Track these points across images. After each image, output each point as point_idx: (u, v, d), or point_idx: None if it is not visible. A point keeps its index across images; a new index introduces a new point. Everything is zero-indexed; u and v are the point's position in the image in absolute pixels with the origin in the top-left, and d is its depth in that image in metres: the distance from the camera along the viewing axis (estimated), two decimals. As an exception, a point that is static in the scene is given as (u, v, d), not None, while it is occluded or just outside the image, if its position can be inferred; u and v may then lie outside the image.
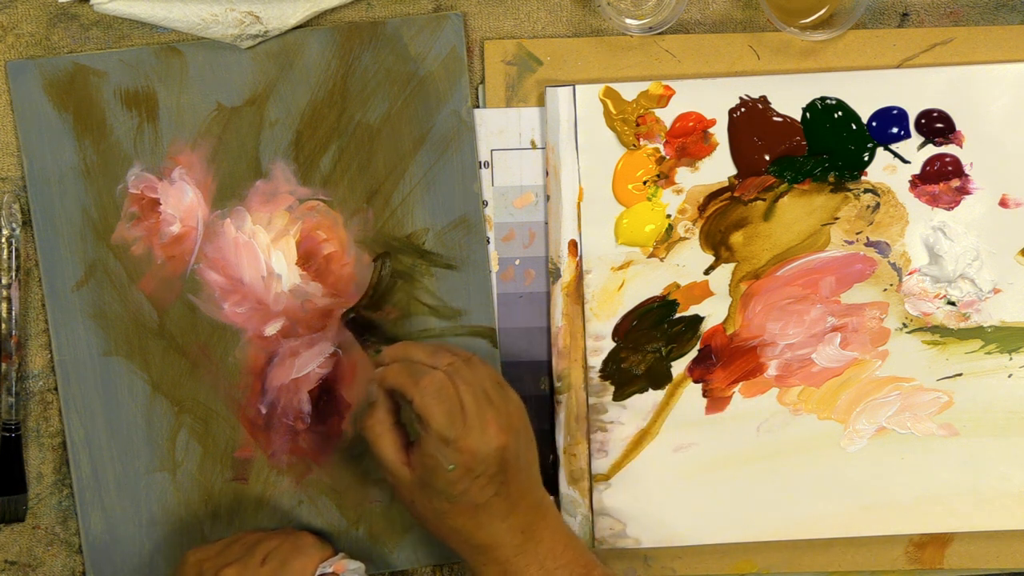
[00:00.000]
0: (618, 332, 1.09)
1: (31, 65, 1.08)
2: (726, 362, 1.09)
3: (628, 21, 1.07)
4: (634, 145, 1.09)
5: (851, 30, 1.08)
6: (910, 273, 1.09)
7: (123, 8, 1.06)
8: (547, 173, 1.09)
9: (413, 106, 1.09)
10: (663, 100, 1.09)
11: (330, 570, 1.03)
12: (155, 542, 1.09)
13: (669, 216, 1.09)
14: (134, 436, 1.09)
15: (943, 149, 1.09)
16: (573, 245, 1.09)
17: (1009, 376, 1.09)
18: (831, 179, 1.09)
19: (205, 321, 1.09)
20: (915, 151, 1.09)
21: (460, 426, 0.95)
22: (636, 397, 1.10)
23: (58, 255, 1.08)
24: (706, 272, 1.09)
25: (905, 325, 1.09)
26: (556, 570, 0.98)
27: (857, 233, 1.09)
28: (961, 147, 1.08)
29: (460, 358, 0.98)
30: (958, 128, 1.08)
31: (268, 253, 1.09)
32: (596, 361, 1.09)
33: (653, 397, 1.10)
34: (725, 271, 1.09)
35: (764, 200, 1.09)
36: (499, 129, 1.10)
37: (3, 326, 1.08)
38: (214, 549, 1.03)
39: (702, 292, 1.09)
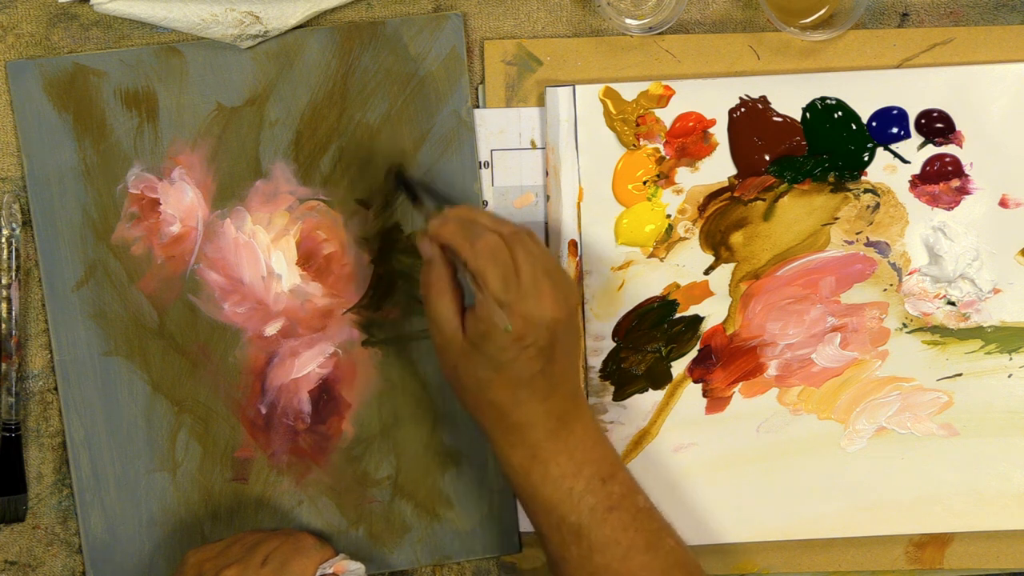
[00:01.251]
0: (618, 332, 1.09)
1: (31, 65, 1.08)
2: (726, 362, 1.09)
3: (628, 21, 1.07)
4: (634, 145, 1.09)
5: (851, 30, 1.08)
6: (910, 273, 1.09)
7: (123, 8, 1.06)
8: (547, 173, 1.09)
9: (413, 106, 1.09)
10: (663, 100, 1.09)
11: (330, 571, 1.03)
12: (155, 542, 1.09)
13: (669, 216, 1.09)
14: (134, 436, 1.09)
15: (943, 149, 1.09)
16: (573, 245, 1.09)
17: (1009, 376, 1.09)
18: (831, 179, 1.09)
19: (205, 321, 1.09)
20: (915, 151, 1.09)
21: (515, 291, 0.93)
22: (636, 397, 1.10)
23: (58, 255, 1.08)
24: (706, 272, 1.09)
25: (905, 325, 1.09)
26: (584, 464, 0.96)
27: (857, 233, 1.09)
28: (961, 147, 1.08)
29: (519, 230, 0.96)
30: (958, 128, 1.08)
31: (268, 253, 1.09)
32: (596, 361, 1.09)
33: (653, 397, 1.10)
34: (725, 271, 1.09)
35: (764, 200, 1.09)
36: (499, 129, 1.10)
37: (3, 326, 1.08)
38: (214, 549, 1.03)
39: (702, 292, 1.09)
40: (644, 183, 1.09)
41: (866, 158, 1.09)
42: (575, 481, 0.96)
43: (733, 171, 1.09)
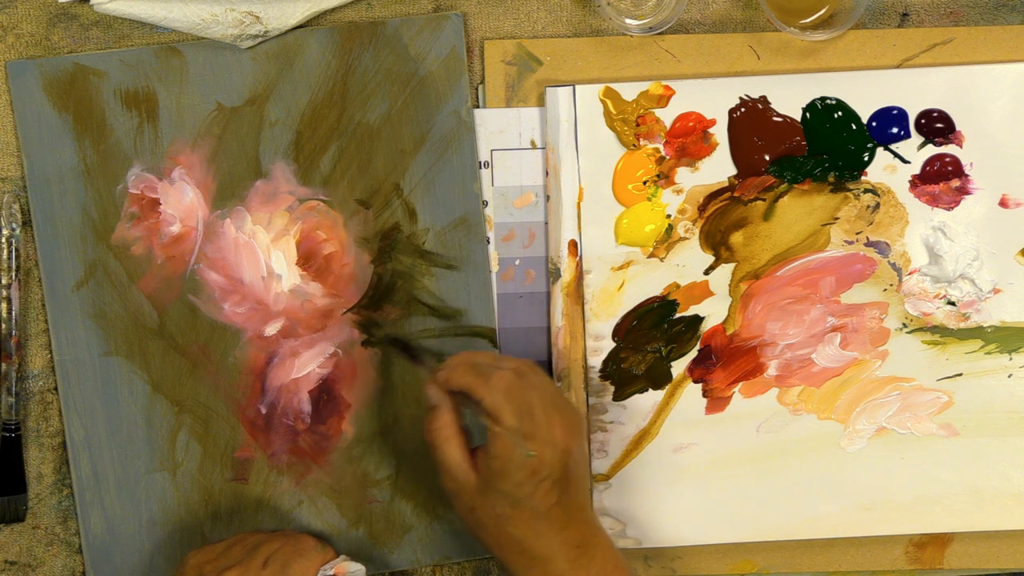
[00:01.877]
0: (618, 332, 1.09)
1: (31, 65, 1.08)
2: (726, 362, 1.09)
3: (628, 21, 1.07)
4: (634, 145, 1.09)
5: (851, 30, 1.08)
6: (910, 273, 1.09)
7: (123, 8, 1.06)
8: (547, 173, 1.09)
9: (413, 106, 1.09)
10: (663, 100, 1.09)
11: (331, 572, 1.03)
12: (155, 542, 1.09)
13: (669, 216, 1.09)
14: (134, 436, 1.09)
15: (943, 149, 1.09)
16: (573, 245, 1.09)
17: (1009, 376, 1.09)
18: (831, 179, 1.09)
19: (205, 321, 1.09)
20: (915, 151, 1.09)
21: (529, 425, 0.94)
22: (636, 397, 1.10)
23: (58, 255, 1.08)
24: (706, 272, 1.09)
25: (905, 325, 1.09)
26: None
27: (857, 233, 1.09)
28: (961, 147, 1.08)
29: (524, 363, 0.98)
30: (958, 128, 1.08)
31: (268, 253, 1.09)
32: (596, 361, 1.09)
33: (653, 397, 1.10)
34: (725, 271, 1.09)
35: (764, 200, 1.09)
36: (499, 129, 1.10)
37: (3, 326, 1.08)
38: (215, 551, 1.03)
39: (702, 292, 1.09)
40: (644, 183, 1.09)
41: (866, 158, 1.09)
42: None
43: (733, 171, 1.09)
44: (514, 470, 0.94)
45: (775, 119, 1.09)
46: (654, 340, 1.09)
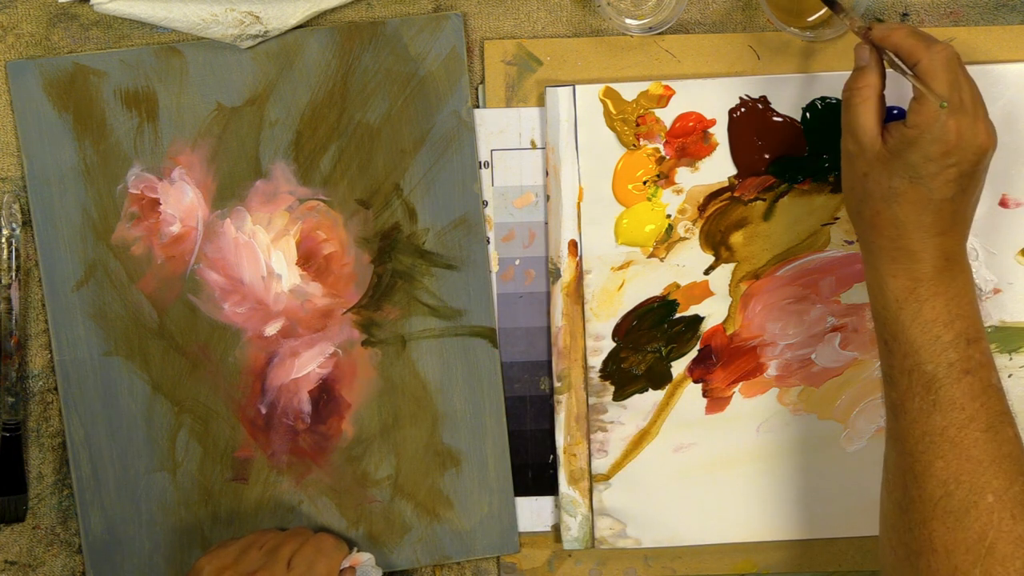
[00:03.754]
0: (618, 332, 1.09)
1: (31, 65, 1.08)
2: (726, 362, 1.09)
3: (628, 21, 1.08)
4: (634, 145, 1.09)
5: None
6: (910, 273, 1.09)
7: (123, 8, 1.06)
8: (547, 173, 1.10)
9: (413, 106, 1.09)
10: (663, 100, 1.09)
11: (347, 565, 1.03)
12: (155, 542, 1.09)
13: (669, 216, 1.09)
14: (134, 436, 1.09)
15: (943, 149, 1.09)
16: (573, 245, 1.09)
17: (1009, 376, 1.09)
18: (831, 179, 1.09)
19: (205, 321, 1.09)
20: (915, 151, 1.09)
21: (958, 103, 0.92)
22: (636, 397, 1.10)
23: (58, 255, 1.08)
24: (706, 272, 1.09)
25: (905, 325, 1.09)
26: (957, 317, 0.94)
27: (857, 233, 1.09)
28: (961, 147, 1.08)
29: (957, 56, 0.95)
30: (958, 128, 1.08)
31: (268, 253, 1.09)
32: (596, 361, 1.09)
33: (653, 397, 1.10)
34: (725, 271, 1.09)
35: (764, 200, 1.09)
36: (499, 129, 1.10)
37: (3, 326, 1.08)
38: (229, 555, 1.01)
39: (702, 292, 1.09)
40: (644, 183, 1.09)
41: (866, 158, 1.09)
42: (945, 331, 0.94)
43: (733, 171, 1.09)
44: (928, 142, 0.92)
45: (775, 119, 1.09)
46: (654, 340, 1.09)
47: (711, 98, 1.09)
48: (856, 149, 0.96)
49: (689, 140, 1.09)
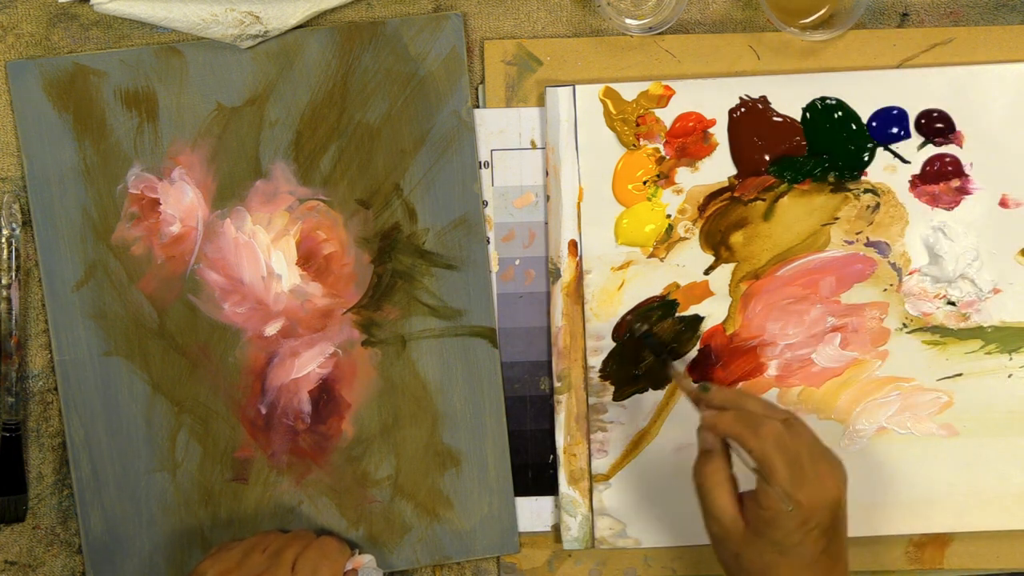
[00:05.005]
0: (618, 332, 1.09)
1: (31, 65, 1.08)
2: (726, 362, 1.09)
3: (628, 21, 1.08)
4: (634, 145, 1.09)
5: (851, 30, 1.08)
6: (910, 273, 1.09)
7: (123, 8, 1.06)
8: (547, 173, 1.09)
9: (413, 106, 1.09)
10: (663, 100, 1.09)
11: (350, 568, 1.03)
12: (155, 542, 1.09)
13: (669, 216, 1.09)
14: (134, 436, 1.09)
15: (943, 149, 1.09)
16: (573, 245, 1.09)
17: (1009, 376, 1.09)
18: (831, 179, 1.09)
19: (205, 321, 1.09)
20: (915, 151, 1.09)
21: (799, 477, 0.95)
22: (636, 397, 1.10)
23: (58, 255, 1.08)
24: (706, 272, 1.09)
25: (905, 325, 1.09)
26: None
27: (857, 233, 1.09)
28: (961, 147, 1.08)
29: (789, 413, 0.98)
30: (958, 128, 1.08)
31: (268, 253, 1.09)
32: (596, 361, 1.09)
33: (653, 397, 1.10)
34: (725, 271, 1.09)
35: (764, 200, 1.09)
36: (499, 129, 1.10)
37: (3, 326, 1.08)
38: (232, 558, 1.01)
39: (702, 292, 1.09)
40: (644, 183, 1.09)
41: (866, 158, 1.09)
42: None
43: (733, 171, 1.09)
44: (785, 519, 0.94)
45: (775, 119, 1.09)
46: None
47: (711, 98, 1.09)
48: (721, 531, 0.97)
49: (689, 140, 1.09)
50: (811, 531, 0.95)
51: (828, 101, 1.09)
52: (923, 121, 1.08)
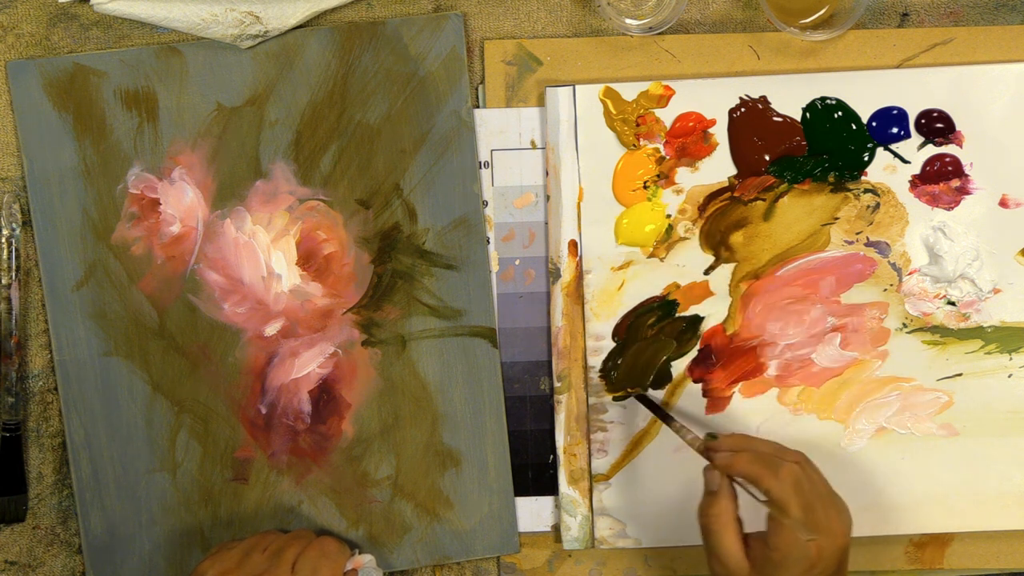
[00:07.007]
0: (618, 332, 1.09)
1: (31, 65, 1.08)
2: (726, 362, 1.09)
3: (628, 21, 1.08)
4: (634, 145, 1.09)
5: (851, 30, 1.08)
6: (910, 273, 1.09)
7: (123, 8, 1.06)
8: (547, 173, 1.10)
9: (413, 106, 1.09)
10: (663, 100, 1.09)
11: (350, 568, 1.03)
12: (155, 542, 1.09)
13: (669, 216, 1.09)
14: (134, 436, 1.09)
15: (943, 149, 1.09)
16: (573, 245, 1.09)
17: (1009, 376, 1.09)
18: (831, 179, 1.09)
19: (205, 321, 1.09)
20: (915, 151, 1.09)
21: (812, 519, 0.95)
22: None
23: (58, 255, 1.08)
24: (706, 272, 1.09)
25: (905, 325, 1.09)
26: None
27: (857, 233, 1.09)
28: (961, 147, 1.08)
29: (801, 456, 0.99)
30: (958, 128, 1.08)
31: (268, 253, 1.09)
32: (596, 361, 1.09)
33: (653, 397, 1.10)
34: (725, 271, 1.09)
35: (764, 200, 1.09)
36: (499, 129, 1.10)
37: (3, 326, 1.08)
38: (231, 559, 1.01)
39: (702, 292, 1.09)
40: (644, 183, 1.09)
41: (866, 158, 1.09)
42: None
43: (733, 171, 1.09)
44: (793, 563, 0.95)
45: (775, 119, 1.09)
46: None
47: (711, 98, 1.09)
48: (725, 572, 0.97)
49: (689, 140, 1.09)
50: (818, 575, 0.95)
51: (828, 101, 1.09)
52: (923, 121, 1.08)
